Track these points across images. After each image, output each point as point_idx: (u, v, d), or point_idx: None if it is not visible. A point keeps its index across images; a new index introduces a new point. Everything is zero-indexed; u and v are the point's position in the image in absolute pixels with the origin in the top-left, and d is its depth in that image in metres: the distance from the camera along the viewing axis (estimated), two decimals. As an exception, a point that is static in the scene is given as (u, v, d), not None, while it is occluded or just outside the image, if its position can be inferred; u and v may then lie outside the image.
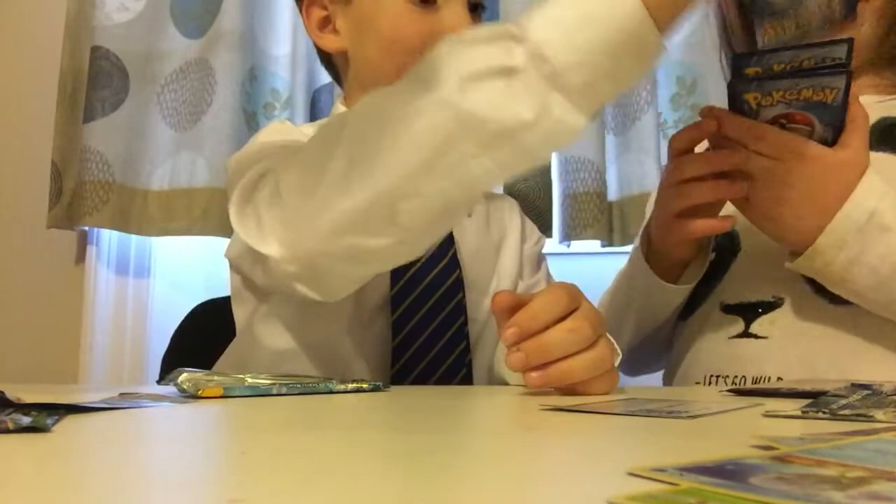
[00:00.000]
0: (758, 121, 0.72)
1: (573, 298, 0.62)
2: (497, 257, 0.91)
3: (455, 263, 0.83)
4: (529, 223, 0.99)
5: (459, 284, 0.81)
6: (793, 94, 0.69)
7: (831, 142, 0.70)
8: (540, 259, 0.97)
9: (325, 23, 0.87)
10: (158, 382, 0.64)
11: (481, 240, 0.90)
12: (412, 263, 0.81)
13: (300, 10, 0.90)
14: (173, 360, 1.10)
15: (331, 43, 0.88)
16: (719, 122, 0.72)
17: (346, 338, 0.81)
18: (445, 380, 0.80)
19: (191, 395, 0.56)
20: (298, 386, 0.61)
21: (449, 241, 0.84)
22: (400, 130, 0.57)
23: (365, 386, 0.65)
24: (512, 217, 0.96)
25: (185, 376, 0.58)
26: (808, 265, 0.71)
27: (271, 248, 0.65)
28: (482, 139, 0.55)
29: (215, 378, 0.59)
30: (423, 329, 0.80)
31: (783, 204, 0.70)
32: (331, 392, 0.63)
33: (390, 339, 0.80)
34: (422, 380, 0.79)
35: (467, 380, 0.81)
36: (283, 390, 0.60)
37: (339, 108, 0.89)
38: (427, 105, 0.56)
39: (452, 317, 0.81)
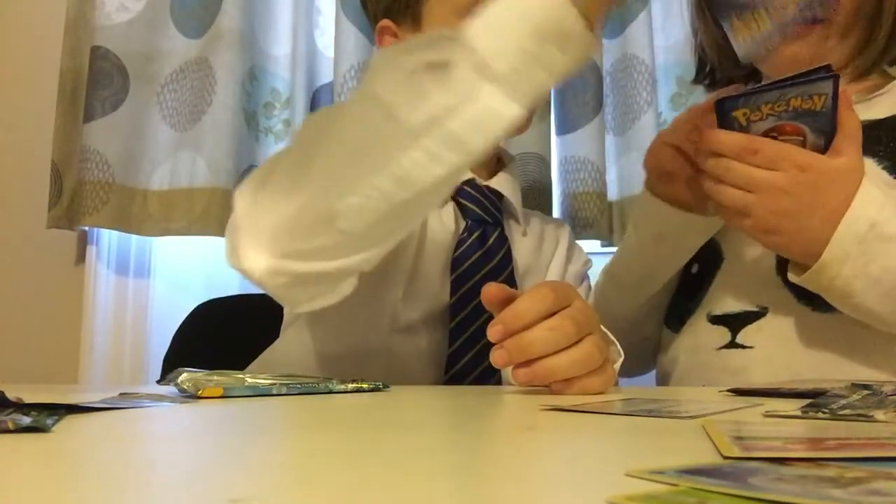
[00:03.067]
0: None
1: (560, 297, 0.62)
2: (544, 277, 0.95)
3: (512, 281, 0.86)
4: (578, 246, 1.02)
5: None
6: (781, 104, 0.69)
7: (824, 149, 0.70)
8: (581, 278, 0.99)
9: None
10: (158, 382, 0.64)
11: (533, 259, 0.93)
12: (472, 274, 0.83)
13: (375, 38, 0.92)
14: (173, 361, 1.10)
15: None
16: (712, 141, 0.71)
17: (400, 342, 0.82)
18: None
19: (191, 395, 0.56)
20: (298, 386, 0.61)
21: (507, 257, 0.86)
22: (331, 129, 0.57)
23: (365, 386, 0.65)
24: (560, 239, 0.99)
25: (186, 376, 0.58)
26: (815, 280, 0.70)
27: (232, 261, 0.65)
28: (408, 128, 0.54)
29: (215, 378, 0.59)
30: (478, 339, 0.82)
31: (784, 215, 0.69)
32: (331, 392, 0.63)
33: (447, 345, 0.81)
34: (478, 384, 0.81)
35: None
36: (283, 390, 0.60)
37: None
38: (354, 101, 0.57)
39: None
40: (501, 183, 0.92)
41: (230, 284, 1.44)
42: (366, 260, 0.62)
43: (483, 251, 0.86)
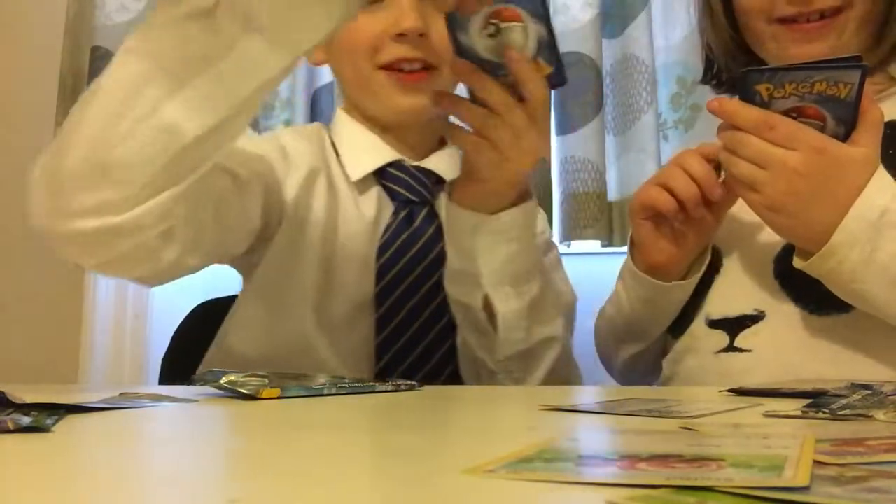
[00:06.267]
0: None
1: None
2: None
3: (442, 257, 0.82)
4: (539, 214, 0.96)
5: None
6: (806, 86, 0.68)
7: (843, 138, 0.69)
8: (546, 248, 0.95)
9: None
10: (189, 384, 0.63)
11: None
12: (397, 259, 0.81)
13: None
14: (173, 361, 1.09)
15: (314, 57, 0.92)
16: (730, 113, 0.71)
17: (321, 339, 0.81)
18: (432, 376, 0.79)
19: (250, 397, 0.56)
20: (346, 386, 0.63)
21: (437, 235, 0.84)
22: (99, 84, 0.59)
23: (402, 386, 0.66)
24: None
25: (235, 378, 0.58)
26: (820, 264, 0.69)
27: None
28: (171, 78, 0.56)
29: (256, 379, 0.59)
30: (406, 328, 0.80)
31: (794, 196, 0.68)
32: (374, 392, 0.63)
33: (373, 336, 0.80)
34: (406, 377, 0.78)
35: (457, 375, 0.81)
36: (333, 390, 0.61)
37: (340, 114, 0.91)
38: (118, 55, 0.59)
39: (440, 312, 0.80)
40: (436, 162, 0.89)
41: (230, 284, 1.44)
42: (156, 209, 0.60)
43: (409, 232, 0.83)
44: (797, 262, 0.72)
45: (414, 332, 0.80)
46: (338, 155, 0.88)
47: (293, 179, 0.83)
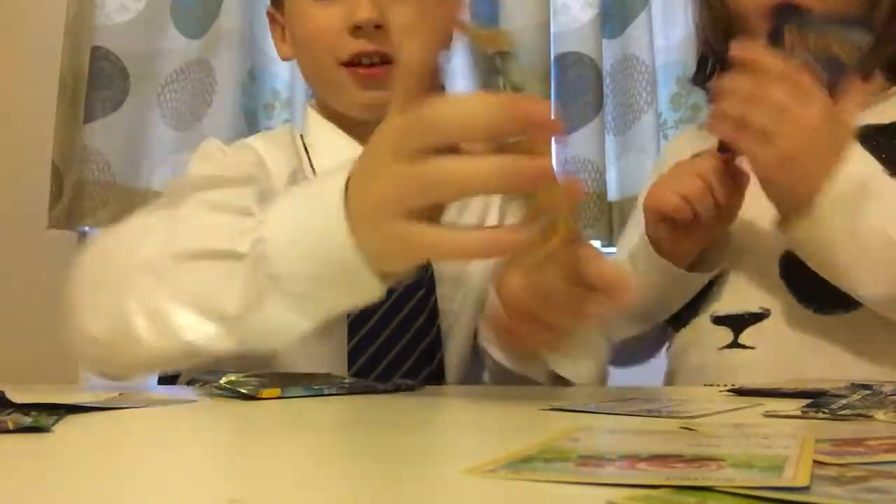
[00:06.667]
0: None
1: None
2: None
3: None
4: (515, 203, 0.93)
5: (422, 280, 0.80)
6: (822, 41, 0.68)
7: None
8: None
9: (284, 33, 0.91)
10: (189, 384, 0.63)
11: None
12: None
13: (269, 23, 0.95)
14: (173, 360, 1.09)
15: (283, 52, 0.92)
16: (755, 59, 0.69)
17: (291, 350, 0.80)
18: (408, 378, 0.78)
19: (250, 397, 0.56)
20: (346, 386, 0.63)
21: None
22: (120, 282, 0.61)
23: (402, 385, 0.66)
24: (491, 198, 0.90)
25: (235, 378, 0.58)
26: (807, 226, 0.69)
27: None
28: (192, 312, 0.56)
29: (255, 379, 0.59)
30: (381, 329, 0.79)
31: (805, 152, 0.68)
32: (375, 391, 0.63)
33: (346, 341, 0.79)
34: (382, 380, 0.78)
35: (435, 376, 0.80)
36: (334, 390, 0.61)
37: (310, 111, 0.91)
38: (146, 270, 0.59)
39: (415, 314, 0.80)
40: None
41: (230, 284, 1.44)
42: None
43: None
44: (778, 228, 0.72)
45: (388, 336, 0.79)
46: (308, 155, 0.87)
47: (277, 189, 0.81)
